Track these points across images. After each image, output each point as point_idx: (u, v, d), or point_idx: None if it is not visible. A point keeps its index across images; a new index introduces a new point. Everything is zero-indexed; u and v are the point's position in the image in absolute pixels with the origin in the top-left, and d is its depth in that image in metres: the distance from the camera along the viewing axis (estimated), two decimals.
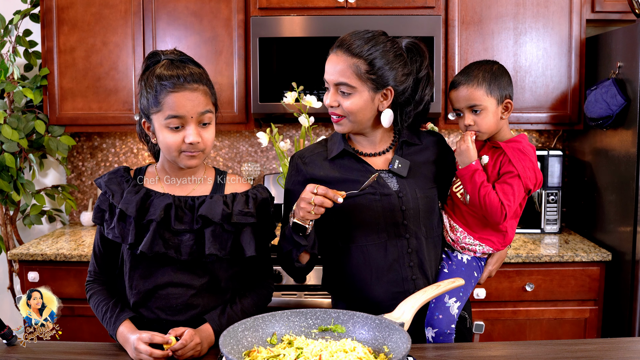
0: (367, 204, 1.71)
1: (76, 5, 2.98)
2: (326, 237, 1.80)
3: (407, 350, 1.25)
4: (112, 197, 1.64)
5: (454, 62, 2.94)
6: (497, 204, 1.72)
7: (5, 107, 3.10)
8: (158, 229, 1.61)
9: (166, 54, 1.67)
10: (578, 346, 1.62)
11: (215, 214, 1.62)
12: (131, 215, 1.60)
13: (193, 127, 1.58)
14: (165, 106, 1.57)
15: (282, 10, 2.91)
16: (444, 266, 1.83)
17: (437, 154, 1.84)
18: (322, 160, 1.79)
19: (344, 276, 1.78)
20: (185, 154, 1.61)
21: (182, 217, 1.63)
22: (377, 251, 1.72)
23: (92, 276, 1.75)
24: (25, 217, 3.23)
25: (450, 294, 1.77)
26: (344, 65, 1.66)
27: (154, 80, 1.59)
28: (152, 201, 1.63)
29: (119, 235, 1.62)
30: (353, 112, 1.69)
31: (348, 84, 1.66)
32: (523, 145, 1.79)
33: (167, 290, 1.64)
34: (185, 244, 1.62)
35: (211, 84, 1.66)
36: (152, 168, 1.74)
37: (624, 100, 2.63)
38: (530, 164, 1.77)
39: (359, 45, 1.67)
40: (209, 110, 1.61)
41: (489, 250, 1.84)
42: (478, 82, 1.77)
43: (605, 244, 2.85)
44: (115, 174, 1.69)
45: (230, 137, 3.37)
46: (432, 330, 1.75)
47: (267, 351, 1.35)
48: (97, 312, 1.68)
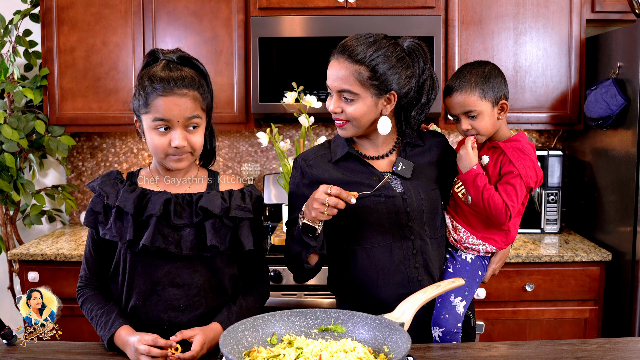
0: (372, 206, 1.71)
1: (76, 5, 2.98)
2: (332, 238, 1.80)
3: (407, 350, 1.25)
4: (107, 198, 1.63)
5: (454, 62, 2.94)
6: (501, 205, 1.73)
7: (5, 107, 3.10)
8: (157, 224, 1.60)
9: (165, 53, 1.67)
10: (578, 346, 1.61)
11: (215, 206, 1.62)
12: (129, 211, 1.60)
13: (179, 131, 1.59)
14: (152, 108, 1.58)
15: (282, 10, 2.91)
16: (448, 266, 1.84)
17: (439, 155, 1.84)
18: (326, 162, 1.79)
19: (349, 278, 1.77)
20: (171, 157, 1.61)
21: (181, 213, 1.63)
22: (382, 253, 1.72)
23: (84, 281, 1.73)
24: (25, 217, 3.23)
25: (455, 293, 1.77)
26: (346, 72, 1.65)
27: (146, 82, 1.60)
28: (150, 198, 1.63)
29: (116, 234, 1.61)
30: (356, 117, 1.68)
31: (351, 91, 1.66)
32: (522, 144, 1.79)
33: (168, 291, 1.63)
34: (185, 238, 1.62)
35: (204, 89, 1.65)
36: (145, 170, 1.74)
37: (624, 100, 2.63)
38: (530, 163, 1.77)
39: (361, 52, 1.65)
40: (197, 115, 1.61)
41: (492, 249, 1.84)
42: (471, 88, 1.76)
43: (605, 244, 2.85)
44: (108, 176, 1.69)
45: (230, 137, 3.37)
46: (439, 329, 1.76)
47: (267, 351, 1.35)
48: (91, 316, 1.66)
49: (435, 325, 1.76)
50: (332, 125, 3.32)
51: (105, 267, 1.70)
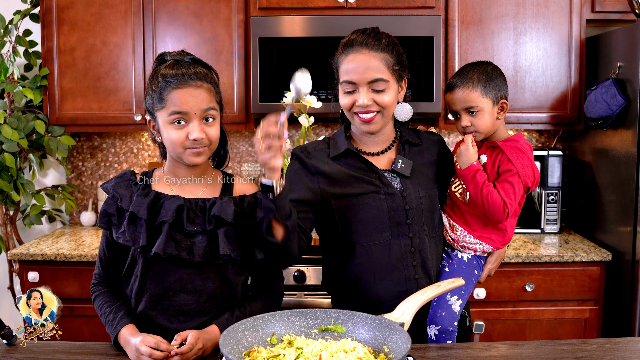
0: (372, 203, 1.72)
1: (76, 5, 2.98)
2: (327, 237, 1.80)
3: (407, 350, 1.25)
4: (121, 200, 1.63)
5: (454, 62, 2.94)
6: (499, 202, 1.74)
7: (5, 107, 3.10)
8: (170, 230, 1.59)
9: (173, 55, 1.67)
10: (578, 346, 1.62)
11: (228, 214, 1.62)
12: (142, 217, 1.59)
13: (196, 123, 1.58)
14: (169, 102, 1.57)
15: (282, 10, 2.91)
16: (444, 265, 1.85)
17: (437, 155, 1.86)
18: (325, 157, 1.79)
19: (346, 277, 1.77)
20: (190, 150, 1.60)
21: (194, 219, 1.62)
22: (381, 251, 1.72)
23: (97, 279, 1.74)
24: (25, 217, 3.23)
25: (452, 292, 1.78)
26: (377, 61, 1.68)
27: (158, 78, 1.60)
28: (163, 203, 1.62)
29: (129, 238, 1.60)
30: (388, 106, 1.71)
31: (383, 79, 1.68)
32: (520, 143, 1.82)
33: (179, 296, 1.62)
34: (198, 245, 1.61)
35: (216, 84, 1.66)
36: (159, 171, 1.73)
37: (624, 100, 2.63)
38: (528, 162, 1.80)
39: (383, 40, 1.70)
40: (213, 107, 1.61)
41: (489, 248, 1.85)
42: (473, 84, 1.81)
43: (605, 244, 2.85)
44: (122, 177, 1.68)
45: (230, 137, 3.37)
46: (435, 327, 1.76)
47: (267, 351, 1.35)
48: (100, 312, 1.67)
49: (432, 323, 1.77)
50: (332, 125, 3.32)
51: (118, 266, 1.70)
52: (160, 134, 1.64)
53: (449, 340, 1.76)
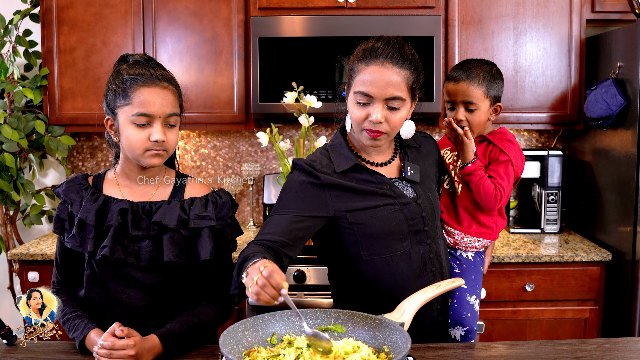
0: (389, 215, 1.65)
1: (76, 5, 2.98)
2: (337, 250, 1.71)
3: (407, 350, 1.25)
4: (71, 205, 1.62)
5: (454, 62, 2.94)
6: (492, 191, 1.84)
7: (5, 107, 3.10)
8: (116, 234, 1.58)
9: (136, 57, 1.66)
10: (578, 346, 1.62)
11: (171, 220, 1.59)
12: (90, 223, 1.59)
13: (159, 125, 1.57)
14: (134, 100, 1.55)
15: (282, 10, 2.91)
16: (453, 267, 1.91)
17: (434, 154, 1.87)
18: (331, 171, 1.67)
19: (363, 288, 1.69)
20: (150, 152, 1.58)
21: (140, 223, 1.61)
22: (401, 260, 1.66)
23: (56, 287, 1.73)
24: (25, 217, 3.23)
25: (470, 292, 1.84)
26: (399, 78, 1.58)
27: (123, 75, 1.57)
28: (110, 207, 1.61)
29: (79, 244, 1.60)
30: (398, 127, 1.62)
31: (401, 98, 1.58)
32: (508, 135, 1.93)
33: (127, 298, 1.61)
34: (144, 250, 1.60)
35: (179, 89, 1.65)
36: (111, 173, 1.71)
37: (624, 100, 2.63)
38: (519, 153, 1.91)
39: (406, 56, 1.60)
40: (176, 113, 1.60)
41: (486, 242, 1.94)
42: (479, 82, 1.87)
43: (605, 244, 2.85)
44: (73, 182, 1.67)
45: (230, 137, 3.37)
46: (461, 329, 1.80)
47: (267, 351, 1.35)
48: (63, 320, 1.64)
49: (457, 325, 1.81)
50: (332, 125, 3.32)
51: (75, 272, 1.70)
52: (118, 134, 1.61)
53: (472, 340, 1.81)
